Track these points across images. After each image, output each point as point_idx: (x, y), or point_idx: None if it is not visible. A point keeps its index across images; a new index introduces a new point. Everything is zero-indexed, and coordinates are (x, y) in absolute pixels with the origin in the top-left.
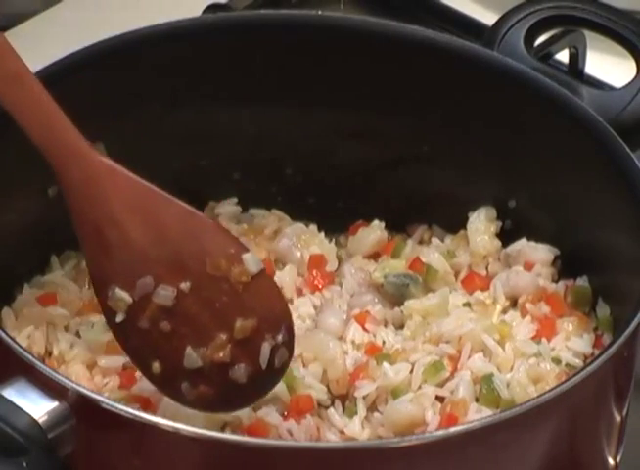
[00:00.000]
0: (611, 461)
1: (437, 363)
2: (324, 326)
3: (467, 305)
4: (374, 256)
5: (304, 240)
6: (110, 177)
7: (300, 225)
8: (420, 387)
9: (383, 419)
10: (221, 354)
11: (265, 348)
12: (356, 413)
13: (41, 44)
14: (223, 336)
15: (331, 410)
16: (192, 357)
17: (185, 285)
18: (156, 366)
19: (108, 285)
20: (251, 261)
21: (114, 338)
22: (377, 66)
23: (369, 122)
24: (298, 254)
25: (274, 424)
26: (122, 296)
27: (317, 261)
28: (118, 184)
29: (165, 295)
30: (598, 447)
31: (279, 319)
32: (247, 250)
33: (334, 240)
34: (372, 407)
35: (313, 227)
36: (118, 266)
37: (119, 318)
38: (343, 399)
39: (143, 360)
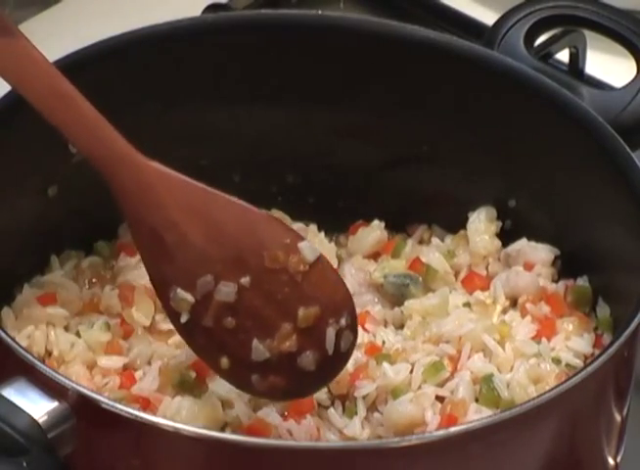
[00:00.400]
0: (611, 461)
1: (437, 363)
2: None
3: (467, 305)
4: (374, 255)
5: None
6: (162, 182)
7: (300, 225)
8: (420, 387)
9: (383, 419)
10: (288, 344)
11: (330, 333)
12: (356, 413)
13: (41, 44)
14: (288, 326)
15: (331, 410)
16: (259, 350)
17: (245, 280)
18: (224, 362)
19: (169, 287)
20: (308, 250)
21: (113, 338)
22: (377, 65)
23: (369, 122)
24: None
25: (274, 424)
26: (185, 296)
27: None
28: (172, 188)
29: (227, 291)
30: (598, 447)
31: (341, 304)
32: (302, 239)
33: (334, 240)
34: (372, 407)
35: (313, 227)
36: (178, 268)
37: (184, 319)
38: (343, 399)
39: (211, 357)
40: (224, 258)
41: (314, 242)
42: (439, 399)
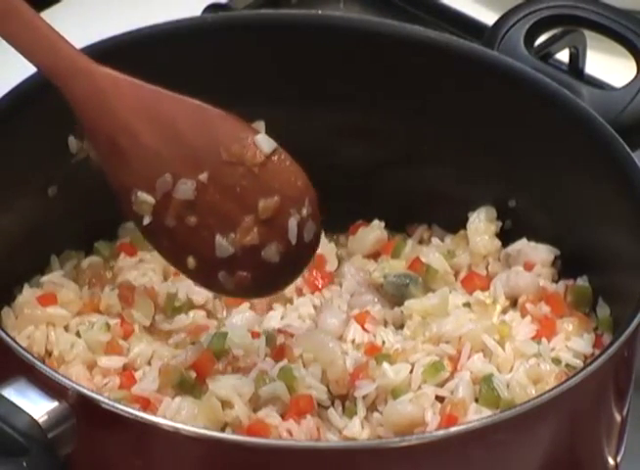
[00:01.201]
0: (611, 461)
1: (437, 363)
2: (324, 326)
3: (467, 305)
4: (374, 255)
5: None
6: (114, 87)
7: None
8: (420, 387)
9: (382, 419)
10: (250, 237)
11: (292, 223)
12: (356, 413)
13: None
14: (249, 219)
15: (331, 410)
16: (223, 245)
17: (203, 176)
18: (191, 261)
19: (130, 191)
20: (264, 142)
21: (113, 338)
22: (377, 65)
23: (369, 122)
24: None
25: (274, 424)
26: (145, 198)
27: (317, 261)
28: (123, 92)
29: (185, 189)
30: (598, 447)
31: (301, 193)
32: (257, 132)
33: (334, 240)
34: (372, 407)
35: None
36: (136, 171)
37: (146, 221)
38: (343, 399)
39: (177, 258)
40: (180, 157)
41: None
42: (439, 399)
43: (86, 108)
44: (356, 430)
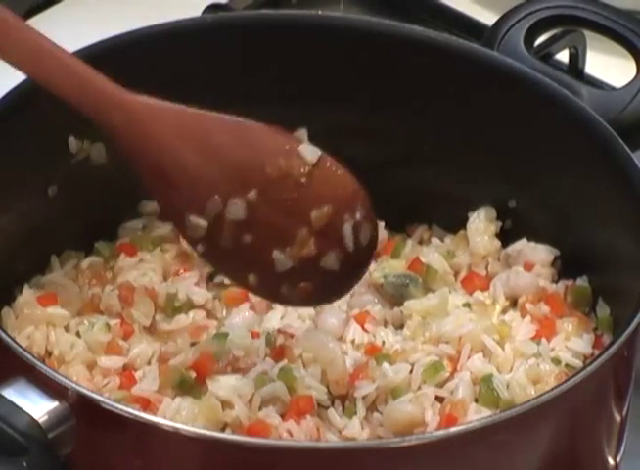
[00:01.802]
0: (611, 461)
1: (437, 364)
2: (324, 326)
3: (467, 305)
4: (374, 255)
5: None
6: (151, 114)
7: None
8: (420, 387)
9: (382, 419)
10: (307, 249)
11: (347, 229)
12: (356, 413)
13: None
14: (304, 230)
15: (331, 411)
16: (281, 260)
17: (252, 194)
18: (252, 278)
19: (182, 217)
20: (308, 151)
21: (113, 338)
22: (377, 65)
23: (369, 122)
24: None
25: (274, 424)
26: (197, 222)
27: None
28: (161, 118)
29: (236, 208)
30: (598, 447)
31: (352, 197)
32: (300, 141)
33: None
34: (372, 407)
35: None
36: (185, 195)
37: (200, 249)
38: (343, 399)
39: (239, 277)
40: (227, 176)
41: None
42: (439, 399)
43: (127, 139)
44: (356, 430)
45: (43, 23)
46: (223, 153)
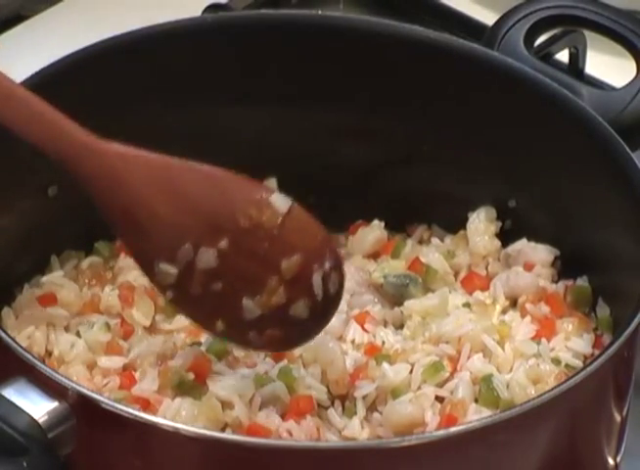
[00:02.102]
0: (611, 461)
1: (437, 364)
2: None
3: (467, 305)
4: (374, 255)
5: None
6: (123, 162)
7: None
8: (419, 387)
9: (382, 419)
10: (276, 298)
11: (317, 279)
12: (356, 413)
13: (41, 44)
14: (273, 279)
15: (331, 411)
16: (250, 308)
17: (223, 243)
18: (219, 325)
19: (152, 263)
20: (280, 202)
21: (113, 338)
22: (377, 65)
23: (369, 122)
24: None
25: (274, 425)
26: (167, 269)
27: None
28: (134, 166)
29: (207, 257)
30: (598, 447)
31: (321, 246)
32: (272, 191)
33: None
34: (372, 407)
35: None
36: (156, 243)
37: (169, 295)
38: (343, 399)
39: (206, 323)
40: (198, 226)
41: None
42: (439, 399)
43: (98, 187)
44: (356, 430)
45: (44, 23)
46: (195, 202)
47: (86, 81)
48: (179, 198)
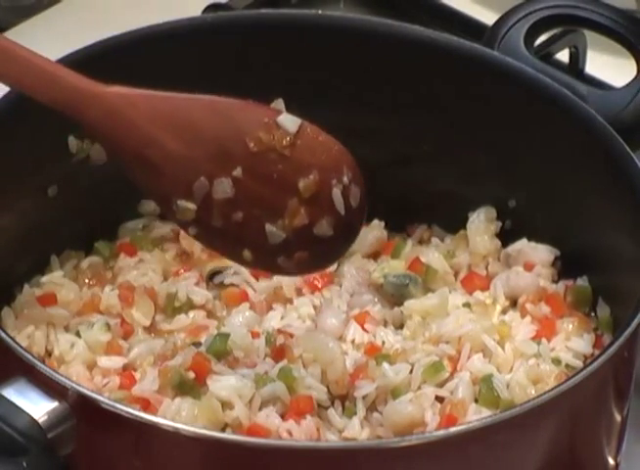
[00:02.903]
0: (611, 461)
1: (437, 364)
2: (324, 326)
3: (467, 305)
4: (374, 255)
5: None
6: (127, 104)
7: None
8: (419, 387)
9: (382, 419)
10: (299, 219)
11: (337, 194)
12: (356, 413)
13: (41, 44)
14: (293, 201)
15: (331, 411)
16: (274, 233)
17: (237, 171)
18: (247, 254)
19: (169, 201)
20: (288, 121)
21: (113, 338)
22: (377, 65)
23: (369, 122)
24: None
25: (274, 425)
26: (186, 205)
27: None
28: (138, 107)
29: (223, 188)
30: (598, 447)
31: (337, 162)
32: (279, 113)
33: None
34: (371, 407)
35: None
36: (170, 180)
37: (192, 231)
38: (343, 399)
39: (234, 254)
40: (210, 157)
41: None
42: (439, 399)
43: (106, 131)
44: (356, 430)
45: (44, 23)
46: (203, 133)
47: None
48: (186, 131)
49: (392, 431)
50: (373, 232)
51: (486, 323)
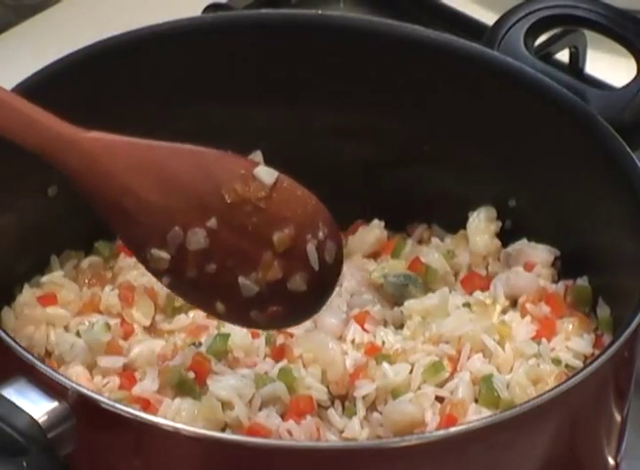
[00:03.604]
0: (611, 461)
1: (437, 364)
2: (324, 326)
3: (467, 305)
4: (374, 255)
5: None
6: (104, 151)
7: None
8: (419, 387)
9: (382, 419)
10: (272, 272)
11: (311, 249)
12: (356, 413)
13: (41, 44)
14: (267, 254)
15: (331, 411)
16: (247, 286)
17: (212, 222)
18: (219, 306)
19: (144, 250)
20: (265, 174)
21: (113, 338)
22: (377, 65)
23: (369, 122)
24: None
25: (274, 425)
26: (159, 254)
27: None
28: (115, 153)
29: (197, 239)
30: (598, 447)
31: (313, 217)
32: (256, 164)
33: None
34: (372, 407)
35: None
36: (145, 229)
37: (166, 281)
38: (343, 399)
39: (206, 305)
40: (185, 207)
41: None
42: (439, 399)
43: (83, 178)
44: (356, 430)
45: (43, 23)
46: (179, 184)
47: (86, 81)
48: (162, 181)
49: (392, 431)
50: (373, 232)
51: (486, 323)
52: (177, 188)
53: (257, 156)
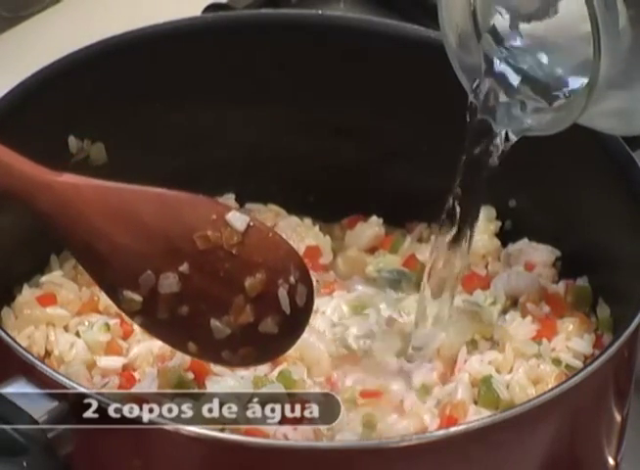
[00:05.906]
0: (611, 461)
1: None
2: (314, 323)
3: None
4: (371, 250)
5: (299, 233)
6: (77, 195)
7: (295, 219)
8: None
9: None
10: (244, 316)
11: (282, 293)
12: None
13: (41, 44)
14: (239, 299)
15: None
16: (219, 328)
17: (184, 267)
18: (191, 346)
19: (116, 291)
20: (236, 220)
21: (113, 338)
22: (377, 65)
23: (369, 121)
24: (294, 246)
25: (271, 429)
26: (131, 296)
27: (312, 253)
28: (87, 198)
29: (169, 283)
30: (598, 447)
31: (285, 261)
32: (228, 209)
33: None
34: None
35: (308, 221)
36: (117, 272)
37: (138, 321)
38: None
39: (179, 345)
40: (157, 251)
41: (309, 235)
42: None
43: (55, 220)
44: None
45: (43, 23)
46: (150, 228)
47: (86, 81)
48: (134, 225)
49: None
50: (371, 229)
51: (486, 323)
52: (148, 233)
53: (229, 199)
